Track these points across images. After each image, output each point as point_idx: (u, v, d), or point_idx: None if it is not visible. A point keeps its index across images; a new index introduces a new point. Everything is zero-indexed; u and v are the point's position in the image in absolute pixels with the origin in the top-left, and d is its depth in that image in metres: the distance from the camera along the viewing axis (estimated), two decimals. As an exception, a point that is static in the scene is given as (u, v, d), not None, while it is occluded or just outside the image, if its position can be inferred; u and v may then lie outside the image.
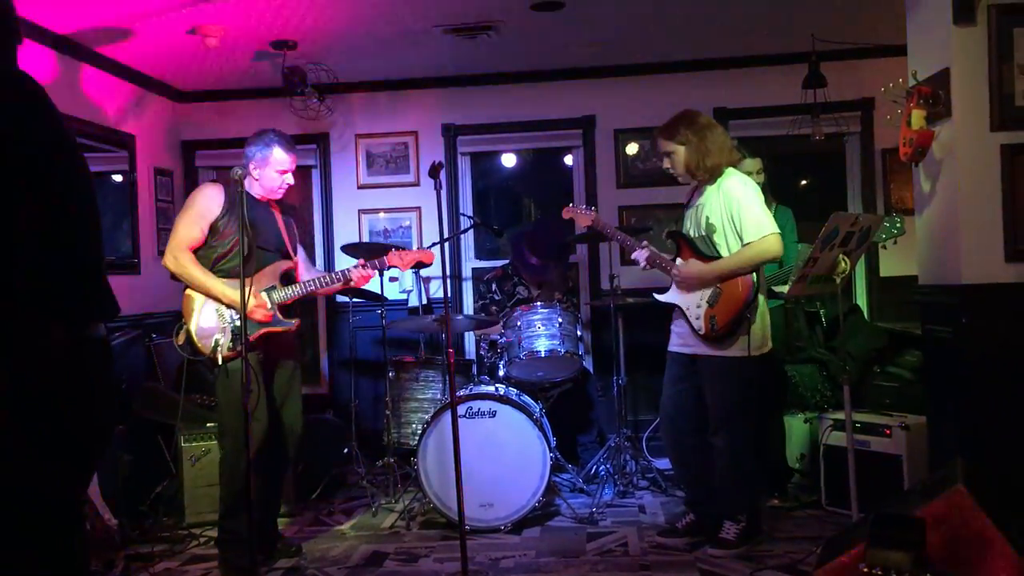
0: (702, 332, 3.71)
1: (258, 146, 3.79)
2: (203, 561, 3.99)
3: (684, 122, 3.80)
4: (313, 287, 3.85)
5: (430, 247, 5.27)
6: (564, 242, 5.44)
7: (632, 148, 6.05)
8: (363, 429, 5.43)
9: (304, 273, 4.01)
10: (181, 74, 5.70)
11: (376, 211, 6.17)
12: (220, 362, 3.62)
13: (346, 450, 5.13)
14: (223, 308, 3.70)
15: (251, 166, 3.80)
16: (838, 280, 3.59)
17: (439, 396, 4.74)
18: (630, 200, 6.02)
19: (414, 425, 4.73)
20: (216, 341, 3.64)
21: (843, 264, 3.57)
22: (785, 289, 4.14)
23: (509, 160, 6.56)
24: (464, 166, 6.28)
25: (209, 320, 3.70)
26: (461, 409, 4.16)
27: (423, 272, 5.63)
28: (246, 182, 3.73)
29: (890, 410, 4.34)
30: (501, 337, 4.74)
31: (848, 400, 3.61)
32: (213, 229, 3.72)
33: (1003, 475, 3.35)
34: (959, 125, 3.52)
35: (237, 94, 6.11)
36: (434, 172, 3.33)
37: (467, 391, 4.36)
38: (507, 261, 5.54)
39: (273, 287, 3.78)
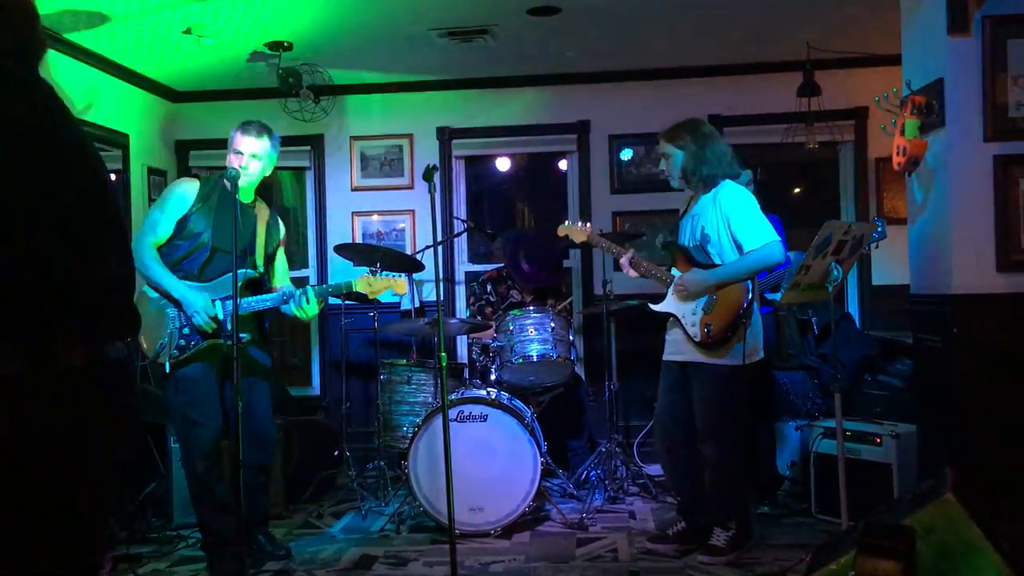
0: (698, 339, 3.71)
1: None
2: (191, 562, 3.97)
3: (687, 128, 3.82)
4: (268, 305, 3.72)
5: (423, 250, 5.26)
6: (559, 256, 5.46)
7: (627, 154, 6.05)
8: (354, 432, 5.41)
9: (279, 282, 3.92)
10: (176, 74, 5.68)
11: (370, 213, 6.16)
12: (167, 369, 3.53)
13: (336, 452, 5.11)
14: (173, 310, 3.59)
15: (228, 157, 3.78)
16: (830, 288, 3.60)
17: (430, 399, 4.73)
18: (624, 206, 6.03)
19: (405, 428, 4.72)
20: (161, 345, 3.55)
21: (835, 272, 3.57)
22: (776, 296, 4.15)
23: (504, 164, 6.57)
24: (458, 169, 6.27)
25: (156, 321, 3.58)
26: (452, 413, 4.15)
27: (416, 275, 5.63)
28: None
29: (881, 418, 4.35)
30: (493, 341, 4.74)
31: (839, 408, 3.61)
32: (180, 225, 3.63)
33: (993, 485, 3.35)
34: (952, 135, 3.53)
35: (232, 94, 6.09)
36: (428, 175, 3.32)
37: (459, 395, 4.35)
38: (502, 264, 5.55)
39: (229, 297, 3.62)
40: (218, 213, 3.67)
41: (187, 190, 3.69)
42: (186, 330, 3.60)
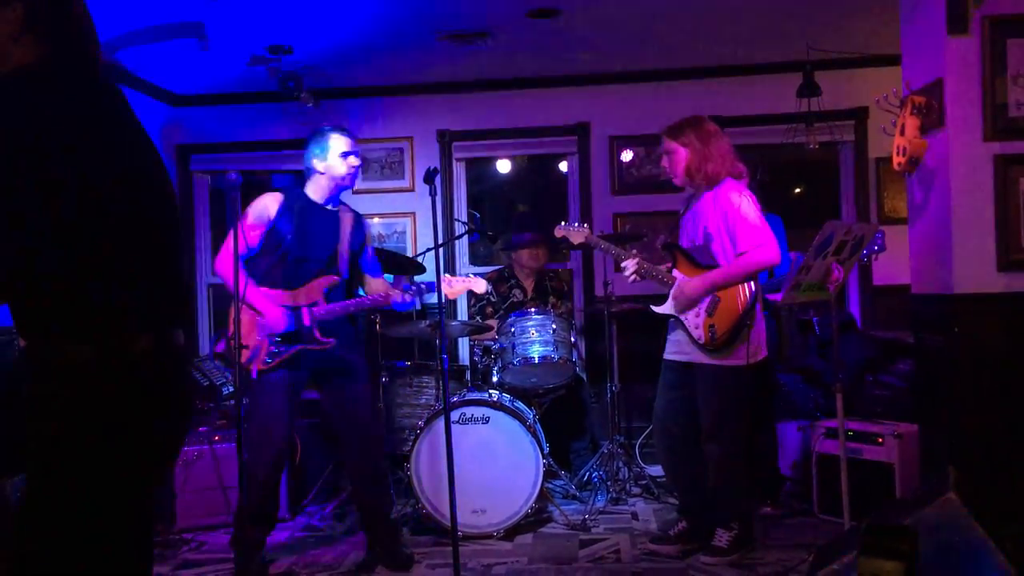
0: (702, 341, 3.71)
1: (316, 143, 3.77)
2: (195, 567, 3.98)
3: (691, 125, 3.81)
4: (353, 308, 3.78)
5: (423, 253, 5.26)
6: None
7: (627, 155, 6.06)
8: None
9: (370, 283, 3.98)
10: (176, 78, 5.69)
11: (371, 216, 6.16)
12: (255, 374, 3.60)
13: (339, 455, 5.11)
14: (261, 319, 3.67)
15: (315, 164, 3.77)
16: (831, 288, 3.60)
17: (432, 402, 4.74)
18: (625, 207, 6.04)
19: (407, 431, 4.72)
20: (254, 351, 3.63)
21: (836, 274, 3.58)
22: (777, 296, 4.15)
23: (504, 166, 6.57)
24: (459, 172, 6.28)
25: (248, 329, 3.67)
26: (454, 415, 4.16)
27: (417, 277, 5.64)
28: (308, 187, 3.80)
29: (882, 418, 4.35)
30: (495, 343, 4.74)
31: (841, 408, 3.61)
32: (268, 237, 3.70)
33: (995, 483, 3.36)
34: (952, 135, 3.53)
35: (232, 98, 6.11)
36: (429, 178, 3.33)
37: (460, 397, 4.35)
38: (501, 267, 5.55)
39: (315, 303, 3.71)
40: (300, 222, 3.71)
41: (270, 202, 3.73)
42: (277, 338, 3.66)
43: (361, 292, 4.01)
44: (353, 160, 3.82)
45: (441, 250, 3.55)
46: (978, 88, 3.50)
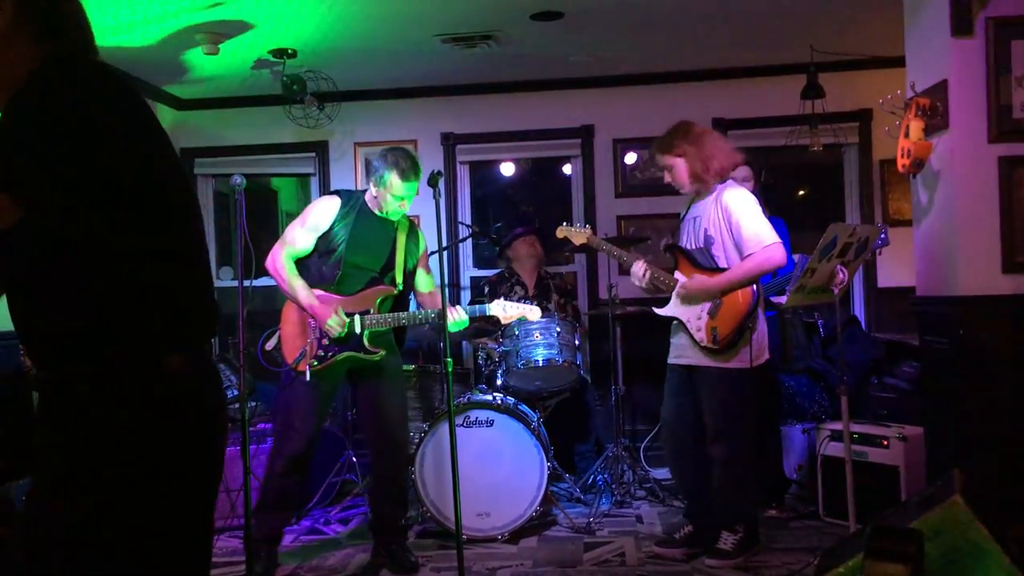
0: (704, 344, 3.70)
1: (381, 165, 3.73)
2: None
3: (679, 133, 3.80)
4: (404, 321, 3.78)
5: (430, 255, 5.26)
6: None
7: (631, 158, 6.06)
8: (360, 437, 5.40)
9: (423, 296, 3.99)
10: (180, 81, 5.70)
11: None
12: (308, 375, 3.61)
13: (343, 459, 5.12)
14: (313, 320, 3.68)
15: (371, 181, 3.77)
16: (836, 290, 3.60)
17: (437, 405, 4.73)
18: (629, 210, 6.03)
19: (411, 434, 4.72)
20: (303, 352, 3.66)
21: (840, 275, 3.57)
22: (782, 299, 4.15)
23: (508, 169, 6.57)
24: (463, 175, 6.28)
25: (299, 329, 3.70)
26: (459, 418, 4.16)
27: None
28: (367, 194, 3.79)
29: (888, 421, 4.34)
30: (499, 346, 4.74)
31: (846, 411, 3.60)
32: (323, 240, 3.71)
33: (1001, 486, 3.35)
34: (957, 137, 3.53)
35: (236, 102, 6.12)
36: (433, 181, 3.33)
37: (465, 400, 4.35)
38: (500, 269, 5.56)
39: (368, 311, 3.72)
40: (354, 230, 3.71)
41: (326, 207, 3.74)
42: (326, 340, 3.68)
43: (413, 304, 4.00)
44: (405, 205, 3.80)
45: (445, 253, 3.56)
46: (983, 90, 3.49)
